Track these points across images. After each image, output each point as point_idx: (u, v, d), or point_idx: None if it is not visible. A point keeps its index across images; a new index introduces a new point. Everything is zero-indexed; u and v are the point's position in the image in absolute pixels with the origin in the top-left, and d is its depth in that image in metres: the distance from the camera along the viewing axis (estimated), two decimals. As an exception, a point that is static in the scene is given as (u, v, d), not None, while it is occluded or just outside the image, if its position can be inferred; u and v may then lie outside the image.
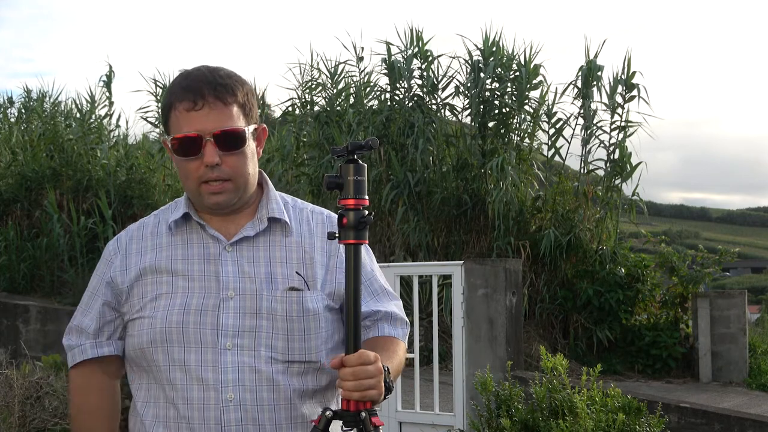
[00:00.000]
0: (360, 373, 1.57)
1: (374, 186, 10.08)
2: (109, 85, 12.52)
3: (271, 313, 1.72)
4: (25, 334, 9.27)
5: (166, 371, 1.72)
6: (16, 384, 5.38)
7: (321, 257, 1.80)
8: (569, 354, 8.76)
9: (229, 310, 1.71)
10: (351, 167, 1.60)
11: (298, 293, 1.74)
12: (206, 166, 1.70)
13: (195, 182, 1.72)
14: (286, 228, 1.80)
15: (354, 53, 10.90)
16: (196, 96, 1.69)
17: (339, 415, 1.60)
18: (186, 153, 1.71)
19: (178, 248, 1.78)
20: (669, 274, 9.60)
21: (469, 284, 5.90)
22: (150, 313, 1.73)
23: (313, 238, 1.82)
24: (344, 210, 1.61)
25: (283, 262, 1.77)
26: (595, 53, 10.03)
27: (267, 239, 1.79)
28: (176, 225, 1.79)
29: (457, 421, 5.37)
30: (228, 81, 1.72)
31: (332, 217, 1.86)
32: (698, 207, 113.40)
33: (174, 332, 1.71)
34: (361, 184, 1.61)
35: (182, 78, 1.74)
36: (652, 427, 3.85)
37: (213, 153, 1.69)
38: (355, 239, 1.61)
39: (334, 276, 1.79)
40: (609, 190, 9.88)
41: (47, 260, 10.96)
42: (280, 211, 1.81)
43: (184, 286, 1.73)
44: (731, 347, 8.98)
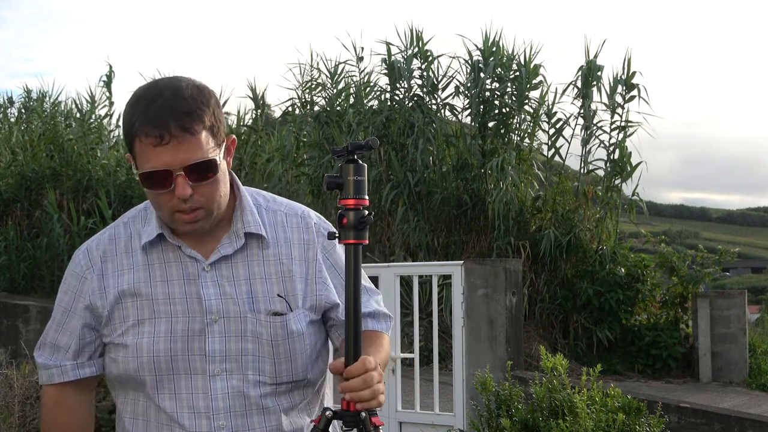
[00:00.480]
0: (368, 380, 1.57)
1: (374, 186, 10.07)
2: (109, 85, 12.53)
3: (256, 336, 1.69)
4: (25, 334, 9.27)
5: (155, 398, 1.69)
6: (16, 384, 5.38)
7: (299, 268, 1.76)
8: (569, 354, 8.76)
9: (215, 334, 1.68)
10: (351, 167, 1.59)
11: (281, 318, 1.71)
12: (178, 197, 1.63)
13: (168, 212, 1.66)
14: (262, 241, 1.76)
15: (354, 53, 10.92)
16: (162, 130, 1.58)
17: (339, 415, 1.61)
18: (155, 186, 1.63)
19: (155, 268, 1.72)
20: (669, 274, 9.60)
21: (469, 284, 5.90)
22: (134, 340, 1.68)
23: (289, 247, 1.77)
24: (344, 210, 1.59)
25: (262, 278, 1.73)
26: (595, 53, 10.05)
27: (245, 254, 1.74)
28: (150, 245, 1.73)
29: (457, 421, 5.37)
30: (193, 106, 1.61)
31: (307, 218, 1.82)
32: (698, 207, 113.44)
33: (162, 360, 1.67)
34: (361, 184, 1.60)
35: (144, 105, 1.61)
36: (652, 427, 3.85)
37: (184, 186, 1.61)
38: (355, 239, 1.60)
39: (314, 288, 1.76)
40: (609, 190, 9.88)
41: (47, 260, 10.96)
42: (256, 223, 1.75)
43: (167, 310, 1.68)
44: (731, 347, 8.98)
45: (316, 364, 1.77)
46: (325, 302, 1.77)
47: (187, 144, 1.60)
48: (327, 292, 1.77)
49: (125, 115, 1.66)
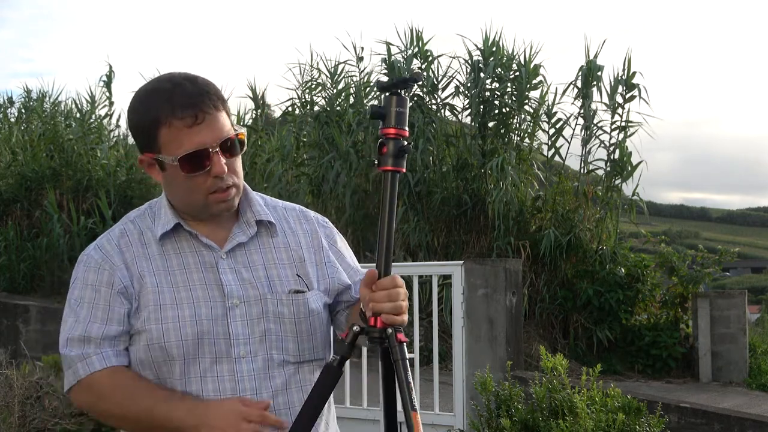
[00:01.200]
0: (394, 295, 1.65)
1: (374, 186, 10.07)
2: (109, 85, 12.53)
3: (278, 316, 1.74)
4: (25, 334, 9.28)
5: (181, 384, 1.71)
6: (16, 384, 5.38)
7: (308, 254, 1.83)
8: (569, 354, 8.76)
9: (237, 318, 1.72)
10: (394, 99, 1.67)
11: (302, 295, 1.77)
12: (215, 177, 1.68)
13: (202, 195, 1.71)
14: (271, 229, 1.82)
15: (354, 53, 10.91)
16: (196, 110, 1.66)
17: (366, 330, 1.67)
18: (194, 168, 1.67)
19: (171, 258, 1.75)
20: (669, 274, 9.59)
21: (469, 284, 5.90)
22: (159, 326, 1.70)
23: (296, 236, 1.85)
24: (385, 138, 1.67)
25: (276, 263, 1.79)
26: (595, 53, 10.03)
27: (257, 242, 1.80)
28: (164, 237, 1.76)
29: (457, 421, 5.37)
30: (211, 87, 1.71)
31: (305, 211, 1.91)
32: (698, 207, 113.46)
33: (191, 344, 1.69)
34: (402, 115, 1.67)
35: (166, 95, 1.67)
36: (652, 427, 3.85)
37: (221, 163, 1.68)
38: (393, 166, 1.67)
39: (325, 272, 1.84)
40: (609, 190, 9.87)
41: (47, 260, 10.96)
42: (265, 212, 1.82)
43: (188, 296, 1.72)
44: (731, 347, 8.98)
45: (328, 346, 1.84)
46: (338, 284, 1.84)
47: (216, 121, 1.68)
48: (338, 275, 1.85)
49: (141, 111, 1.70)
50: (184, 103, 1.66)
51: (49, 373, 5.72)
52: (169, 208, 1.77)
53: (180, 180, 1.70)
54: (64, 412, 5.47)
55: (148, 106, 1.69)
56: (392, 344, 1.64)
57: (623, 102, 9.91)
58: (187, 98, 1.66)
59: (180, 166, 1.67)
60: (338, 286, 1.84)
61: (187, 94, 1.67)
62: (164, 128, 1.67)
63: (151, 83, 1.73)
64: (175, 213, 1.77)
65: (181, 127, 1.66)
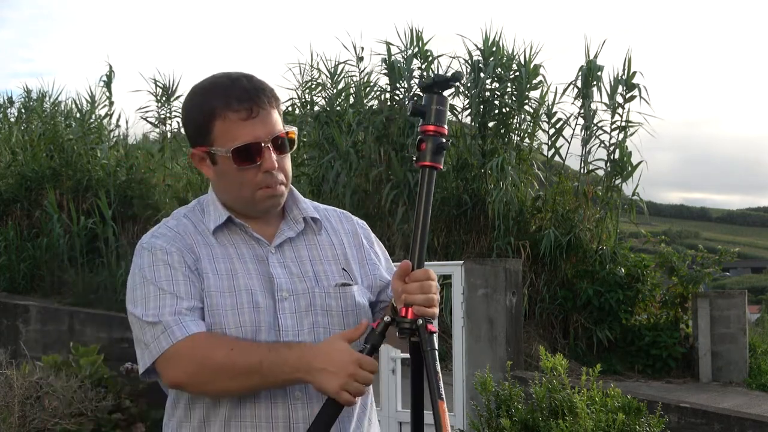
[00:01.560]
0: (426, 287, 1.67)
1: (374, 186, 10.08)
2: (110, 85, 12.52)
3: (326, 309, 1.77)
4: (25, 334, 9.27)
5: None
6: (16, 384, 5.38)
7: (351, 252, 1.88)
8: (569, 354, 8.76)
9: (285, 311, 1.74)
10: (434, 97, 1.71)
11: (349, 288, 1.81)
12: (265, 171, 1.72)
13: (251, 189, 1.74)
14: (316, 227, 1.87)
15: (354, 53, 10.90)
16: (252, 104, 1.70)
17: (397, 321, 1.68)
18: (246, 161, 1.72)
19: (227, 247, 1.79)
20: (669, 274, 9.59)
21: (469, 284, 5.90)
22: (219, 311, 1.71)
23: (338, 234, 1.89)
24: (424, 135, 1.71)
25: (322, 259, 1.83)
26: (595, 53, 10.04)
27: (303, 239, 1.84)
28: (218, 229, 1.79)
29: (457, 421, 5.37)
30: (266, 86, 1.76)
31: (346, 213, 1.96)
32: (698, 207, 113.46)
33: (249, 332, 1.71)
34: (442, 113, 1.71)
35: (224, 88, 1.72)
36: (652, 427, 3.85)
37: (272, 159, 1.72)
38: (431, 162, 1.70)
39: (367, 269, 1.88)
40: (609, 190, 9.87)
41: (47, 260, 10.95)
42: (311, 210, 1.88)
43: (246, 284, 1.74)
44: (731, 347, 8.97)
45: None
46: (380, 281, 1.88)
47: (271, 118, 1.74)
48: (379, 272, 1.89)
49: (198, 104, 1.75)
50: (240, 96, 1.71)
51: (49, 373, 5.72)
52: (219, 203, 1.81)
53: (231, 173, 1.74)
54: (64, 412, 5.47)
55: (205, 99, 1.74)
56: (422, 335, 1.66)
57: (623, 102, 9.91)
58: (244, 92, 1.71)
59: (232, 158, 1.71)
60: (380, 283, 1.88)
61: (243, 89, 1.72)
62: (219, 121, 1.71)
63: (208, 79, 1.78)
64: (225, 208, 1.80)
65: (236, 120, 1.71)
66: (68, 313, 9.39)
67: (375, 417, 1.90)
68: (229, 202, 1.80)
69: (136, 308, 1.72)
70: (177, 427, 1.78)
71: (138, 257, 1.79)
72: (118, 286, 10.09)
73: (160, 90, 12.32)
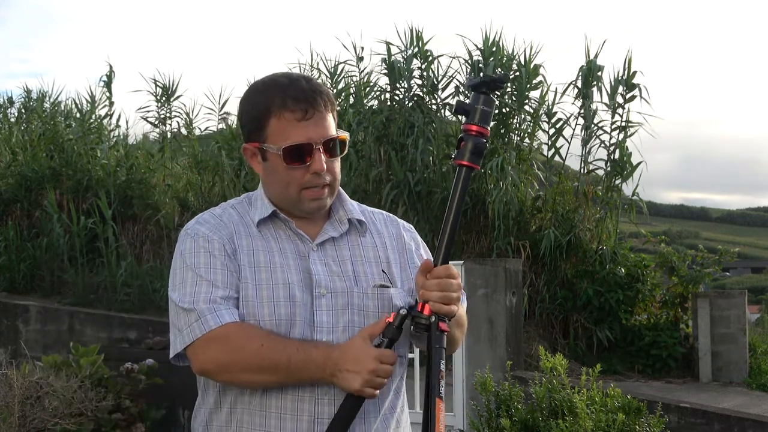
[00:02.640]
0: (444, 285, 1.70)
1: (374, 186, 10.07)
2: (110, 85, 12.52)
3: (362, 309, 1.79)
4: (25, 334, 9.27)
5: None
6: (16, 384, 5.38)
7: (393, 256, 1.91)
8: (569, 354, 8.75)
9: (322, 307, 1.76)
10: (482, 97, 1.69)
11: (387, 290, 1.83)
12: (313, 173, 1.76)
13: (298, 188, 1.78)
14: (361, 228, 1.89)
15: (354, 53, 10.90)
16: (308, 105, 1.75)
17: (413, 314, 1.69)
18: (295, 161, 1.76)
19: (270, 240, 1.82)
20: (669, 274, 9.59)
21: (469, 284, 5.90)
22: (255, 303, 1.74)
23: (382, 238, 1.92)
24: (465, 134, 1.70)
25: (363, 261, 1.86)
26: (596, 53, 10.03)
27: (346, 240, 1.87)
28: (262, 222, 1.83)
29: (457, 421, 5.37)
30: (324, 89, 1.80)
31: (393, 216, 2.01)
32: (698, 207, 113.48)
33: (283, 325, 1.73)
34: (487, 114, 1.70)
35: (283, 87, 1.78)
36: (652, 427, 3.85)
37: (322, 161, 1.76)
38: (468, 161, 1.69)
39: (408, 273, 1.90)
40: (609, 190, 9.87)
41: (47, 260, 10.95)
42: (357, 212, 1.91)
43: (284, 278, 1.76)
44: (731, 347, 8.97)
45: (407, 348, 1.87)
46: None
47: (325, 121, 1.78)
48: None
49: (255, 101, 1.79)
50: (297, 97, 1.75)
51: (49, 373, 5.72)
52: (266, 198, 1.84)
53: (280, 171, 1.78)
54: (64, 412, 5.47)
55: (263, 96, 1.78)
56: (432, 330, 1.67)
57: (623, 102, 9.91)
58: (301, 93, 1.75)
59: (282, 157, 1.76)
60: None
61: (301, 90, 1.76)
62: (274, 119, 1.76)
63: (268, 77, 1.82)
64: (272, 204, 1.84)
65: (291, 119, 1.75)
66: (68, 313, 9.39)
67: (406, 421, 1.92)
68: (275, 199, 1.83)
69: (174, 292, 1.77)
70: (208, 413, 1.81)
71: (181, 242, 1.82)
72: (118, 286, 10.09)
73: (160, 90, 12.31)
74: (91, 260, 10.76)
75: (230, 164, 10.82)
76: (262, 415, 1.73)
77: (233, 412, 1.76)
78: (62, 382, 5.59)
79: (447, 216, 1.72)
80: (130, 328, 8.93)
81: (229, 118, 12.30)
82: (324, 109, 1.77)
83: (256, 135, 1.80)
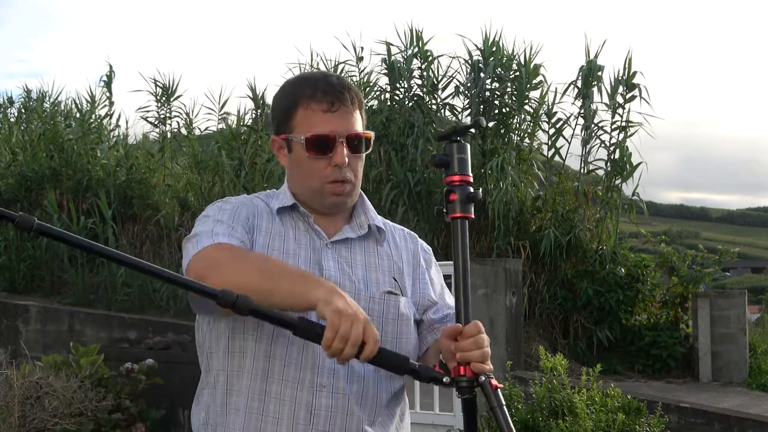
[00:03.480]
0: (480, 341, 1.65)
1: (374, 186, 10.07)
2: (110, 85, 12.52)
3: (367, 312, 1.74)
4: (25, 334, 9.27)
5: (267, 343, 1.73)
6: (16, 384, 5.38)
7: (407, 268, 1.91)
8: (569, 354, 8.75)
9: None
10: (455, 146, 1.70)
11: (395, 297, 1.83)
12: (334, 166, 1.78)
13: (319, 181, 1.80)
14: (379, 237, 1.90)
15: (354, 53, 10.90)
16: (335, 98, 1.78)
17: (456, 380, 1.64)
18: (317, 151, 1.78)
19: (289, 230, 1.83)
20: (669, 274, 9.59)
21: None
22: None
23: (399, 250, 1.93)
24: (451, 186, 1.69)
25: (376, 268, 1.86)
26: (596, 53, 10.03)
27: (363, 244, 1.88)
28: (283, 212, 1.85)
29: (457, 421, 5.37)
30: (353, 87, 1.84)
31: (412, 233, 2.02)
32: (698, 207, 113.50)
33: None
34: (464, 161, 1.70)
35: (312, 81, 1.81)
36: (652, 427, 3.85)
37: (343, 154, 1.77)
38: (461, 213, 1.68)
39: (419, 286, 1.91)
40: (609, 190, 9.87)
41: (47, 260, 10.95)
42: (379, 219, 1.92)
43: (294, 265, 1.77)
44: (731, 347, 8.97)
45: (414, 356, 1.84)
46: (428, 300, 1.91)
47: (350, 116, 1.80)
48: (428, 291, 1.92)
49: (284, 94, 1.84)
50: (325, 89, 1.79)
51: (49, 373, 5.72)
52: (289, 192, 1.87)
53: (303, 162, 1.80)
54: (64, 412, 5.47)
55: (294, 89, 1.83)
56: (487, 391, 1.61)
57: (623, 102, 9.91)
58: (330, 86, 1.79)
59: (305, 146, 1.78)
60: (427, 302, 1.90)
61: (330, 84, 1.80)
62: (301, 109, 1.79)
63: (302, 73, 1.93)
64: (294, 197, 1.86)
65: (317, 110, 1.78)
66: (68, 313, 9.39)
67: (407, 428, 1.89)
68: (298, 192, 1.85)
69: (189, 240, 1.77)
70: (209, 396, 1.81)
71: (209, 207, 1.85)
72: (118, 286, 10.09)
73: (160, 90, 12.31)
74: (91, 260, 10.76)
75: (230, 164, 10.81)
76: (261, 400, 1.72)
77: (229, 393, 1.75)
78: (62, 382, 5.59)
79: (456, 273, 1.66)
80: (130, 328, 8.93)
81: (229, 118, 12.30)
82: (351, 105, 1.80)
83: (284, 127, 1.83)
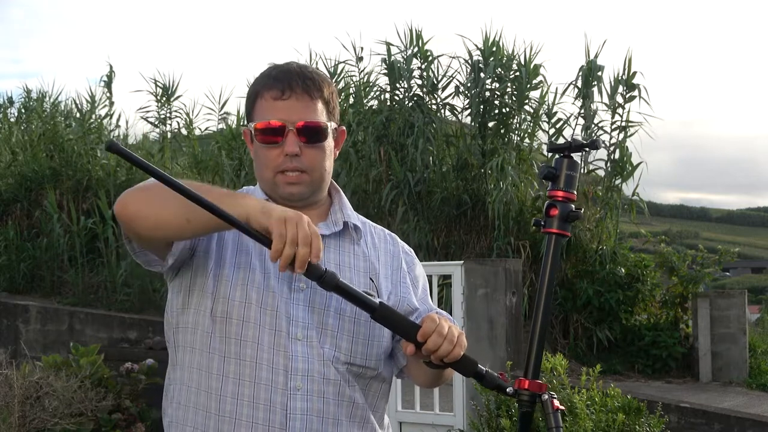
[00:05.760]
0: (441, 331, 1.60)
1: (374, 186, 10.07)
2: (110, 85, 12.52)
3: (339, 312, 1.74)
4: (25, 334, 9.28)
5: (237, 345, 1.70)
6: (16, 384, 5.38)
7: (385, 270, 1.85)
8: (569, 354, 8.75)
9: (300, 301, 1.72)
10: (565, 162, 1.66)
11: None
12: (285, 155, 1.75)
13: (272, 171, 1.77)
14: (355, 235, 1.84)
15: (353, 53, 10.90)
16: (284, 86, 1.75)
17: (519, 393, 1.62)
18: (267, 140, 1.76)
19: None
20: (669, 274, 9.59)
21: (469, 284, 5.90)
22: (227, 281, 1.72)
23: (377, 251, 1.87)
24: (554, 200, 1.66)
25: (351, 268, 1.80)
26: (596, 53, 10.03)
27: (337, 243, 1.82)
28: None
29: (457, 421, 5.37)
30: (316, 77, 1.79)
31: (392, 235, 1.93)
32: (698, 207, 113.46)
33: (253, 308, 1.70)
34: (572, 179, 1.67)
35: (271, 69, 1.80)
36: (652, 427, 3.85)
37: (294, 143, 1.74)
38: (558, 229, 1.65)
39: (398, 290, 1.84)
40: (609, 190, 9.87)
41: (47, 260, 10.96)
42: (355, 217, 1.86)
43: (261, 265, 1.73)
44: (731, 347, 8.98)
45: (387, 365, 1.81)
46: (407, 305, 1.83)
47: (304, 105, 1.75)
48: (410, 296, 1.85)
49: (252, 85, 1.82)
50: (278, 77, 1.76)
51: (49, 373, 5.72)
52: (259, 187, 1.85)
53: (259, 151, 1.78)
54: (64, 412, 5.47)
55: (257, 79, 1.81)
56: (547, 411, 1.60)
57: (623, 102, 9.91)
58: (283, 74, 1.77)
59: (254, 134, 1.77)
60: (407, 307, 1.82)
61: (284, 73, 1.77)
62: (259, 99, 1.78)
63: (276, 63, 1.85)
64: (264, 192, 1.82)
65: (269, 99, 1.76)
66: (68, 313, 9.40)
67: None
68: (261, 184, 1.83)
69: None
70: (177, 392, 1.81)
71: None
72: (118, 286, 10.09)
73: (160, 90, 12.31)
74: (91, 260, 10.76)
75: (230, 164, 10.82)
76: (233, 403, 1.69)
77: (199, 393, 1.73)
78: (62, 382, 5.59)
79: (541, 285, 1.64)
80: (130, 328, 8.94)
81: (229, 118, 12.30)
82: (305, 94, 1.75)
83: (248, 117, 1.82)
